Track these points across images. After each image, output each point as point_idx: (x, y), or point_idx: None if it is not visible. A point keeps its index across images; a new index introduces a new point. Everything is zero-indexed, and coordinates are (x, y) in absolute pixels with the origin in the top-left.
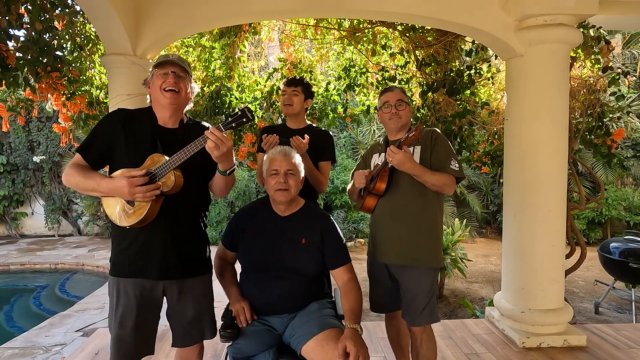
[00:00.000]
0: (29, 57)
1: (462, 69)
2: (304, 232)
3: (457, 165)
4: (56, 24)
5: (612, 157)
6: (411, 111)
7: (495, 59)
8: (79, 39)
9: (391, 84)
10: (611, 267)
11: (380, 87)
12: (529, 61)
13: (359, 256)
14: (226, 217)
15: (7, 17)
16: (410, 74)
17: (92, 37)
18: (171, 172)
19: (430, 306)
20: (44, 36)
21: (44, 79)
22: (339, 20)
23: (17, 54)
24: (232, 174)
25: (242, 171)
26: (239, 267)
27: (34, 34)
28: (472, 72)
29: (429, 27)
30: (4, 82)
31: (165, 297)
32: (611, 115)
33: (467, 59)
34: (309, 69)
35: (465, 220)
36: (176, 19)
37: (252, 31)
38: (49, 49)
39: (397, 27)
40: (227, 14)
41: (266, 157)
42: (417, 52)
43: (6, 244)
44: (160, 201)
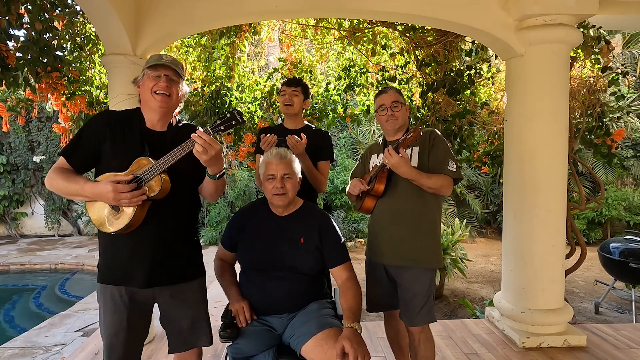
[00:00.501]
0: (29, 57)
1: (462, 69)
2: (303, 232)
3: (454, 166)
4: (56, 24)
5: (612, 157)
6: (408, 110)
7: (495, 59)
8: (79, 39)
9: (391, 84)
10: (611, 267)
11: (380, 87)
12: (529, 61)
13: (359, 256)
14: (226, 217)
15: (7, 17)
16: (410, 74)
17: (92, 37)
18: (158, 176)
19: (427, 306)
20: (44, 36)
21: (44, 79)
22: (339, 20)
23: (17, 54)
24: (223, 178)
25: (242, 171)
26: (238, 267)
27: (34, 34)
28: (472, 72)
29: (429, 27)
30: (4, 82)
31: (156, 303)
32: (611, 115)
33: (467, 59)
34: (309, 69)
35: (465, 220)
36: (176, 18)
37: (252, 31)
38: (49, 49)
39: (397, 27)
40: (227, 13)
41: (262, 160)
42: (417, 52)
43: (6, 244)
44: (146, 206)
